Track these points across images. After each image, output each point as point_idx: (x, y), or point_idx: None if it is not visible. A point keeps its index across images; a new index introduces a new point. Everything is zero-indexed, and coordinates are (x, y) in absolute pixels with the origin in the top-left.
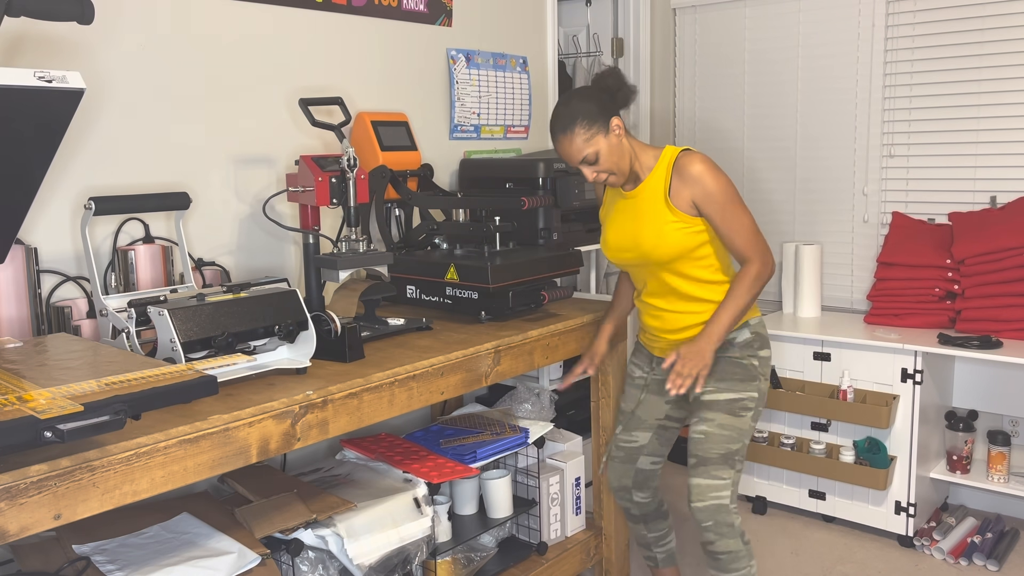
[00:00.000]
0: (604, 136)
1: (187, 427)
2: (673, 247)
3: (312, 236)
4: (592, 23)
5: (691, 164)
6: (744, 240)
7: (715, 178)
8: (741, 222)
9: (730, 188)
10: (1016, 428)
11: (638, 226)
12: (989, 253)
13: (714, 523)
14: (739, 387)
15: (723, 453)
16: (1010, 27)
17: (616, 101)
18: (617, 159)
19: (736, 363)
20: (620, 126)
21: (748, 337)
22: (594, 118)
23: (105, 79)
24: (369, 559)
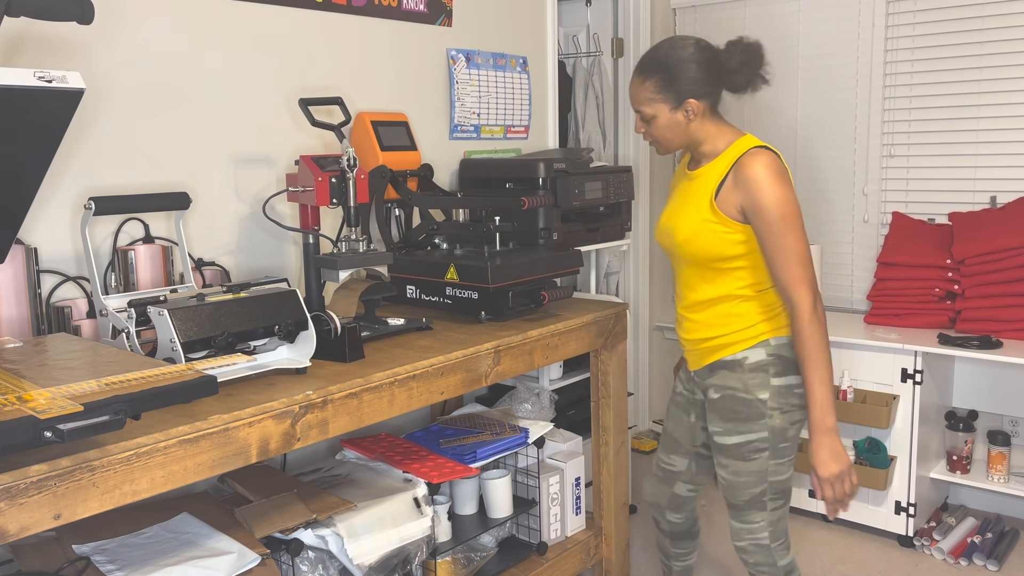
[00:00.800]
0: (670, 109)
1: (187, 427)
2: (702, 248)
3: (312, 236)
4: (592, 23)
5: (750, 166)
6: (788, 268)
7: (771, 189)
8: (789, 246)
9: (787, 205)
10: (1016, 428)
11: (681, 212)
12: (989, 253)
13: (754, 562)
14: (743, 428)
15: (748, 499)
16: (1010, 27)
17: (721, 81)
18: (671, 136)
19: (739, 399)
20: (697, 111)
21: (763, 360)
22: (673, 86)
23: (105, 79)
24: (369, 559)
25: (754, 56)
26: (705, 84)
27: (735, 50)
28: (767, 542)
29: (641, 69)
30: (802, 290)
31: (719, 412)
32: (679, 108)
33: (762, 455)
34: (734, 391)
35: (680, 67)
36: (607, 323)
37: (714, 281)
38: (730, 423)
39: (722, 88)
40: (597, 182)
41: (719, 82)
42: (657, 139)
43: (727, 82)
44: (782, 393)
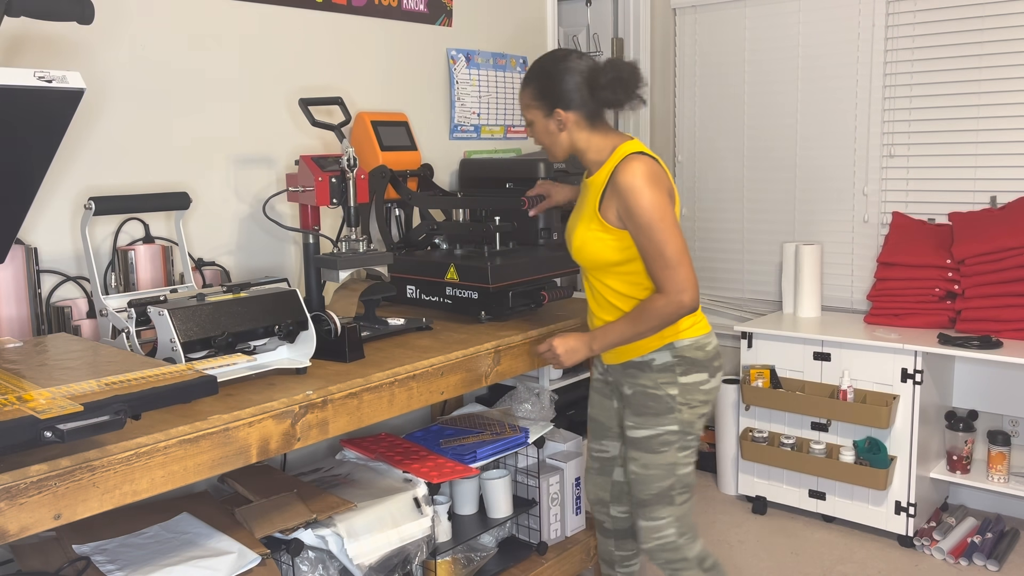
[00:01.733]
0: (544, 116)
1: (187, 427)
2: (593, 256)
3: (312, 236)
4: (592, 23)
5: (623, 174)
6: (659, 269)
7: (642, 194)
8: (659, 249)
9: (656, 209)
10: (1016, 428)
11: (575, 220)
12: (989, 253)
13: (664, 561)
14: (654, 422)
15: (656, 493)
16: (1010, 27)
17: (595, 97)
18: (548, 142)
19: (650, 395)
20: (567, 121)
21: (669, 361)
22: (545, 96)
23: (105, 79)
24: (369, 559)
25: (625, 75)
26: (577, 96)
27: (608, 68)
28: (674, 538)
29: (525, 76)
30: (665, 287)
31: (631, 407)
32: (550, 117)
33: (671, 448)
34: (644, 388)
35: (556, 78)
36: None
37: (616, 285)
38: (641, 417)
39: (599, 102)
40: None
41: (593, 96)
42: (540, 145)
43: (600, 97)
44: (689, 390)
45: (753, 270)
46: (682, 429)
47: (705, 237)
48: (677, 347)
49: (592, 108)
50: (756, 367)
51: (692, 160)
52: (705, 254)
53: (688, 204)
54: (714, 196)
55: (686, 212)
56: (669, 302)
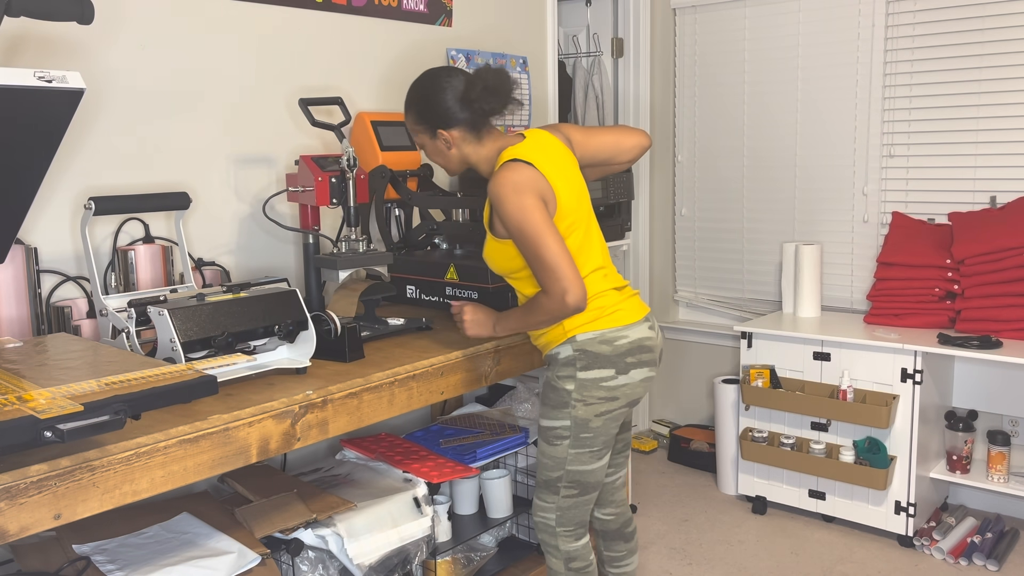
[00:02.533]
0: (430, 138)
1: (187, 427)
2: (495, 265)
3: (312, 236)
4: (592, 23)
5: (491, 188)
6: (538, 272)
7: (507, 203)
8: (534, 253)
9: (522, 216)
10: (1016, 428)
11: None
12: (989, 253)
13: (541, 540)
14: (551, 414)
15: (545, 480)
16: (1010, 27)
17: (473, 111)
18: (441, 161)
19: (552, 387)
20: (452, 139)
21: (570, 355)
22: (425, 119)
23: (105, 79)
24: (369, 559)
25: (492, 83)
26: (455, 112)
27: (476, 80)
28: (552, 524)
29: (405, 102)
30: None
31: (541, 397)
32: (436, 138)
33: (563, 442)
34: (549, 380)
35: (430, 99)
36: None
37: (524, 289)
38: (544, 407)
39: (476, 114)
40: (597, 182)
41: (470, 109)
42: (435, 164)
43: (476, 109)
44: (587, 386)
45: (753, 270)
46: (575, 425)
47: (705, 237)
48: (578, 340)
49: (473, 120)
50: (756, 367)
51: (692, 160)
52: (705, 254)
53: (688, 204)
54: (714, 196)
55: (685, 212)
56: (553, 299)
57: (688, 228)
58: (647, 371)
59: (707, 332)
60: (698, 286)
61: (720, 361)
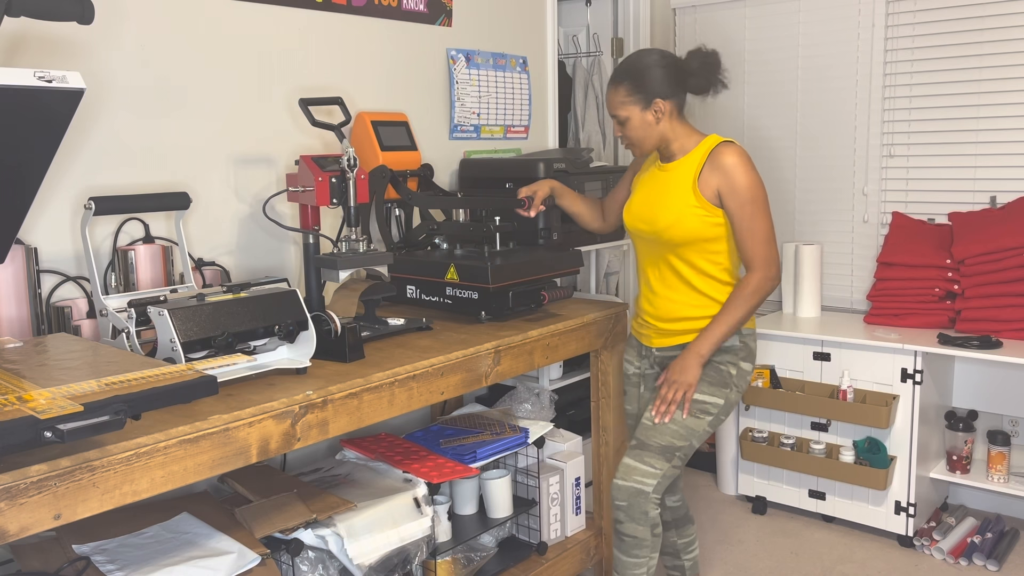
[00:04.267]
0: (641, 110)
1: (187, 427)
2: (688, 232)
3: (312, 236)
4: (592, 23)
5: (726, 155)
6: (755, 245)
7: (745, 174)
8: (758, 226)
9: (758, 189)
10: (1016, 428)
11: (661, 201)
12: (989, 253)
13: (628, 504)
14: (707, 390)
15: (664, 445)
16: (1010, 27)
17: (685, 84)
18: (643, 135)
19: (714, 366)
20: (664, 110)
21: (735, 344)
22: (641, 88)
23: (105, 79)
24: (369, 559)
25: (711, 61)
26: (670, 86)
27: (694, 56)
28: (649, 490)
29: (614, 77)
30: (761, 263)
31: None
32: (648, 108)
33: (707, 418)
34: (711, 360)
35: (647, 72)
36: (607, 323)
37: (699, 262)
38: (702, 383)
39: (685, 90)
40: (597, 182)
41: (682, 85)
42: (632, 140)
43: (689, 84)
44: (743, 376)
45: None
46: (726, 406)
47: None
48: (744, 333)
49: (681, 98)
50: (756, 367)
51: None
52: None
53: None
54: None
55: None
56: (765, 276)
57: None
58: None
59: None
60: None
61: None
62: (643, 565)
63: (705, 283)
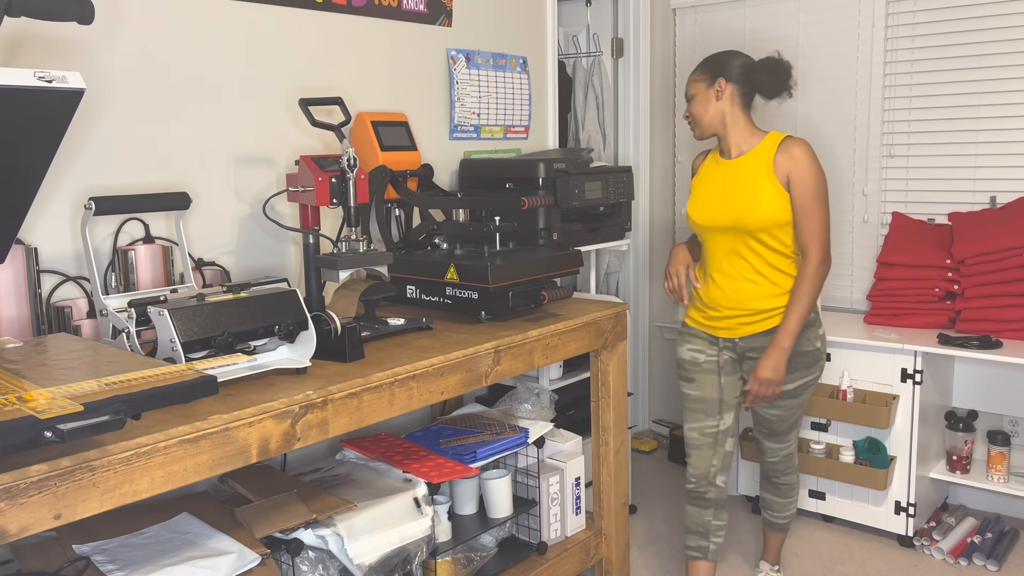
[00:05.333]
0: (706, 87)
1: (187, 427)
2: (767, 213)
3: (312, 236)
4: (592, 23)
5: (797, 145)
6: (814, 229)
7: (813, 164)
8: (818, 212)
9: (821, 180)
10: (1016, 428)
11: (736, 191)
12: (989, 253)
13: (784, 467)
14: (805, 373)
15: (791, 424)
16: (1010, 27)
17: (750, 81)
18: (703, 111)
19: (804, 353)
20: (724, 90)
21: (812, 318)
22: (711, 70)
23: (105, 79)
24: (369, 559)
25: (782, 68)
26: (738, 75)
27: (768, 59)
28: (793, 449)
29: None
30: (818, 248)
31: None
32: (711, 87)
33: (809, 390)
34: (798, 347)
35: (720, 58)
36: (607, 323)
37: (773, 243)
38: (794, 372)
39: (753, 87)
40: (597, 182)
41: (750, 79)
42: (693, 116)
43: (753, 80)
44: (824, 339)
45: None
46: (820, 374)
47: None
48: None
49: (746, 90)
50: None
51: (692, 160)
52: None
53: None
54: None
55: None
56: (822, 260)
57: (688, 228)
58: None
59: None
60: None
61: None
62: (794, 501)
63: (781, 263)
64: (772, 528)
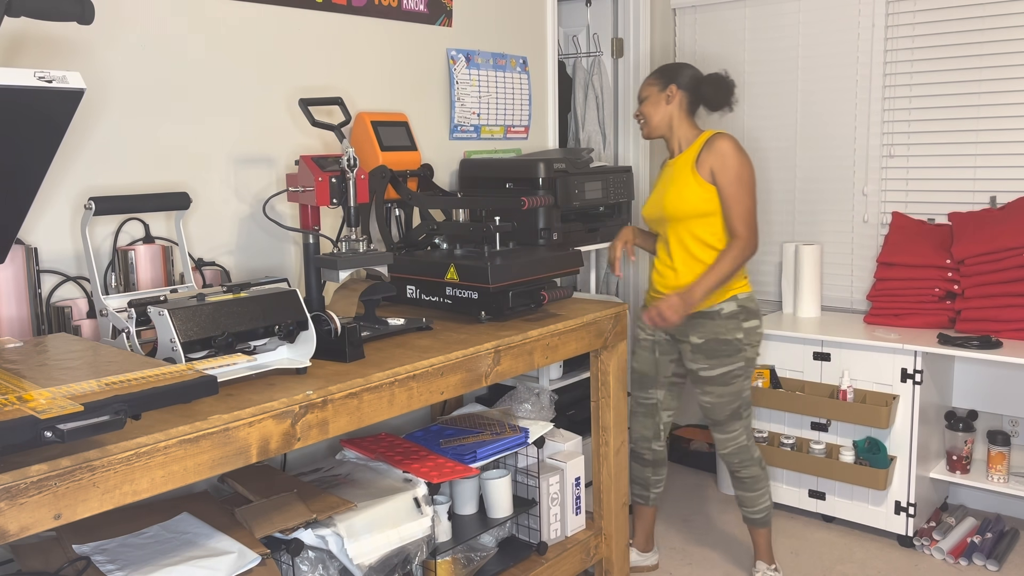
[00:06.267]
0: (658, 91)
1: (187, 427)
2: (688, 204)
3: (312, 236)
4: (592, 23)
5: (721, 141)
6: (739, 215)
7: (736, 156)
8: (743, 200)
9: (745, 171)
10: (1016, 428)
11: (668, 187)
12: (989, 253)
13: (739, 460)
14: (727, 361)
15: (728, 413)
16: (1010, 27)
17: (698, 92)
18: (653, 112)
19: (722, 341)
20: (675, 96)
21: (734, 309)
22: (665, 76)
23: (105, 79)
24: (369, 559)
25: (727, 84)
26: (688, 84)
27: (716, 75)
28: (744, 440)
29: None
30: (744, 229)
31: (703, 352)
32: (663, 91)
33: (739, 379)
34: (716, 335)
35: (675, 68)
36: (607, 323)
37: (703, 233)
38: (714, 359)
39: (700, 97)
40: (597, 182)
41: (699, 91)
42: (645, 116)
43: (700, 91)
44: (752, 333)
45: (753, 270)
46: (748, 364)
47: None
48: (740, 298)
49: (693, 98)
50: (756, 367)
51: None
52: None
53: None
54: None
55: None
56: (746, 243)
57: None
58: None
59: None
60: None
61: None
62: (765, 492)
63: (707, 252)
64: (752, 524)
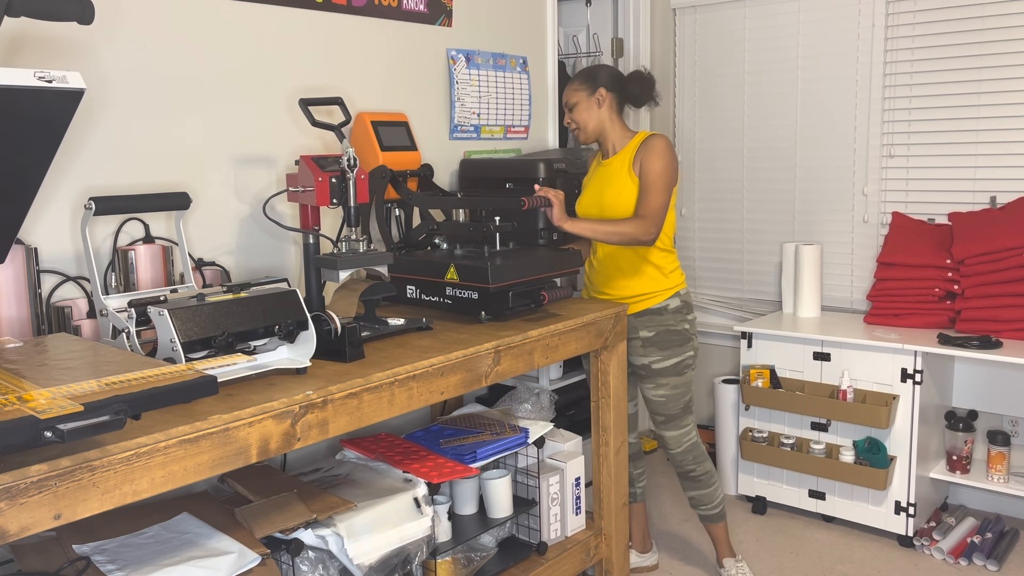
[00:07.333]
0: (587, 96)
1: (187, 427)
2: (625, 203)
3: (312, 236)
4: (592, 23)
5: (654, 140)
6: (650, 205)
7: (662, 154)
8: (659, 195)
9: (667, 171)
10: (1016, 428)
11: (605, 187)
12: (989, 253)
13: (693, 456)
14: (679, 351)
15: (682, 407)
16: (1010, 27)
17: (625, 92)
18: (587, 117)
19: (673, 331)
20: (605, 99)
21: (679, 304)
22: (591, 81)
23: (105, 79)
24: (369, 559)
25: (649, 80)
26: (613, 84)
27: (633, 78)
28: (695, 438)
29: (577, 73)
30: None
31: (656, 345)
32: (593, 95)
33: (690, 370)
34: (667, 327)
35: (600, 71)
36: (607, 323)
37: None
38: (667, 350)
39: (626, 96)
40: None
41: (624, 90)
42: (578, 122)
43: (628, 91)
44: (693, 325)
45: (753, 270)
46: (695, 354)
47: (705, 237)
48: (682, 294)
49: (622, 98)
50: (756, 367)
51: (692, 160)
52: (705, 254)
53: (688, 204)
54: (714, 196)
55: (685, 212)
56: (646, 227)
57: (688, 228)
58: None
59: (707, 332)
60: (698, 286)
61: (720, 361)
62: (719, 485)
63: (652, 254)
64: (710, 521)
